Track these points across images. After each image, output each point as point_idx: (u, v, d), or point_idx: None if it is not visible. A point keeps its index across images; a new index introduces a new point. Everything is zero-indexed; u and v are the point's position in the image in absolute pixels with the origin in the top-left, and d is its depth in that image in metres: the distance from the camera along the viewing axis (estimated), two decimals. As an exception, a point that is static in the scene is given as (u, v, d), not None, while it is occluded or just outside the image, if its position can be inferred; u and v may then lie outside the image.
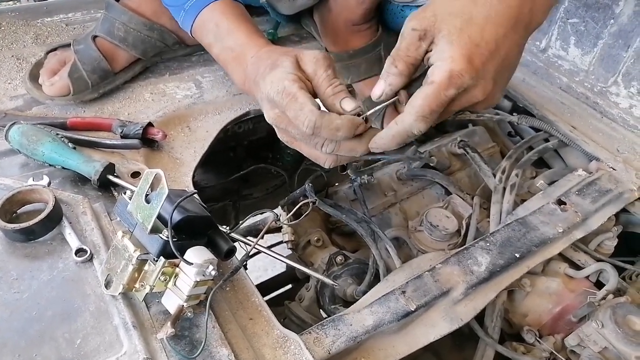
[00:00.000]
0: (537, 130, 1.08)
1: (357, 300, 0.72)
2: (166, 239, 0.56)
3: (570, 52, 1.08)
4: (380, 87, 0.59)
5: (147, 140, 0.85)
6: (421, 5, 1.08)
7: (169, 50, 1.03)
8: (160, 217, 0.57)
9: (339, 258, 0.86)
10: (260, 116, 1.06)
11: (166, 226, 0.56)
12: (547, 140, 1.06)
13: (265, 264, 1.93)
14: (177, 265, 0.58)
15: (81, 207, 0.71)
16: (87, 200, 0.72)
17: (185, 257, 0.56)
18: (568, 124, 1.02)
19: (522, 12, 0.57)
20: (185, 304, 0.58)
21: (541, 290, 0.81)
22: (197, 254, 0.58)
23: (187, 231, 0.60)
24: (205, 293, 0.60)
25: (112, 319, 0.58)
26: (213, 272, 0.58)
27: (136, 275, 0.57)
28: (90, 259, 0.64)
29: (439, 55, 0.55)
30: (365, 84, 1.10)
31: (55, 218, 0.67)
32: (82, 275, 0.63)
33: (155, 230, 0.57)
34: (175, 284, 0.58)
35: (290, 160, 1.30)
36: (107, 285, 0.59)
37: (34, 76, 0.92)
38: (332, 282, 0.70)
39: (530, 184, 1.00)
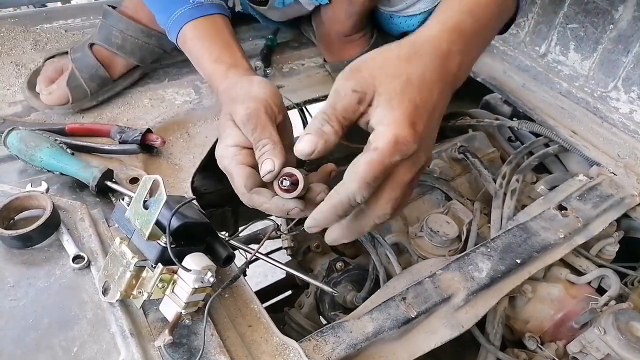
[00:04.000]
0: (537, 135, 1.08)
1: (357, 306, 0.72)
2: (164, 245, 0.55)
3: (570, 57, 1.08)
4: (312, 143, 0.52)
5: (146, 146, 0.85)
6: (409, 15, 1.10)
7: (167, 56, 1.03)
8: (158, 224, 0.57)
9: (339, 264, 0.86)
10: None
11: (164, 232, 0.56)
12: (547, 146, 1.06)
13: (265, 270, 1.92)
14: (175, 272, 0.57)
15: (79, 214, 0.70)
16: (85, 207, 0.71)
17: (183, 263, 0.56)
18: (568, 129, 1.02)
19: (451, 69, 0.57)
20: (183, 311, 0.57)
21: (543, 296, 0.80)
22: (196, 261, 0.57)
23: (186, 237, 0.59)
24: (203, 300, 0.60)
25: (109, 326, 0.58)
26: (211, 279, 0.57)
27: (134, 282, 0.57)
28: (88, 265, 0.64)
29: (380, 119, 0.52)
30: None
31: (52, 224, 0.66)
32: (80, 282, 0.62)
33: (153, 236, 0.57)
34: (173, 291, 0.57)
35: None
36: (105, 292, 0.58)
37: (32, 84, 0.92)
38: (331, 290, 0.69)
39: (530, 189, 0.99)
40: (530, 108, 1.07)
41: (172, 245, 0.56)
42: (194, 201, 0.63)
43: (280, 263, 0.72)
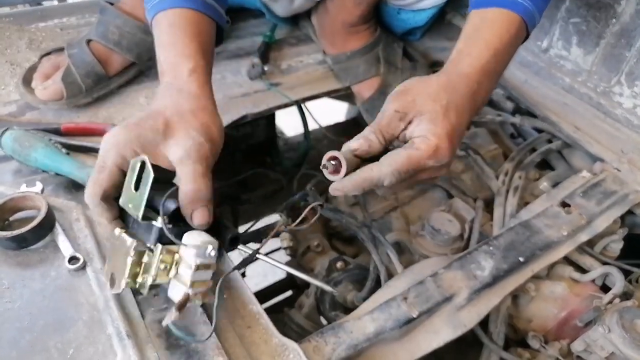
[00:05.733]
0: (539, 131, 1.07)
1: (358, 306, 0.71)
2: (160, 225, 0.55)
3: (572, 52, 1.07)
4: (359, 143, 0.63)
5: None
6: (418, 10, 1.08)
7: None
8: (154, 209, 0.57)
9: (339, 264, 0.85)
10: (258, 120, 1.05)
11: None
12: (550, 142, 1.04)
13: (264, 269, 1.91)
14: (177, 252, 0.56)
15: (74, 214, 0.69)
16: (80, 207, 0.70)
17: (182, 240, 0.55)
18: (571, 125, 1.01)
19: (477, 102, 0.70)
20: (190, 291, 0.55)
21: (546, 294, 0.79)
22: (194, 237, 0.56)
23: (184, 220, 0.59)
24: (212, 279, 0.58)
25: (105, 328, 0.57)
26: (213, 253, 0.56)
27: (137, 269, 0.55)
28: (84, 266, 0.62)
29: (423, 131, 0.63)
30: (364, 86, 1.09)
31: (47, 225, 0.65)
32: (75, 283, 0.61)
33: (147, 218, 0.57)
34: (178, 272, 0.56)
35: (289, 164, 1.28)
36: (112, 284, 0.57)
37: (27, 80, 0.91)
38: (331, 289, 0.68)
39: (533, 186, 0.98)
40: (533, 104, 1.06)
41: (169, 225, 0.56)
42: None
43: (280, 263, 0.70)
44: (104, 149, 0.62)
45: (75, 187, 0.76)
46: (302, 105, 1.10)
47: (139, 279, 0.55)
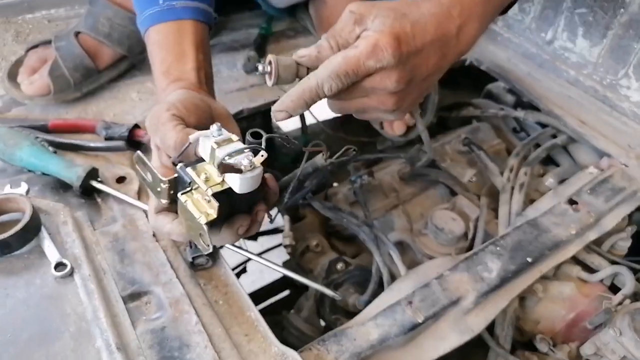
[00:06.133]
0: (543, 126, 1.03)
1: (360, 310, 0.68)
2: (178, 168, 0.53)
3: (578, 44, 1.03)
4: (308, 51, 0.58)
5: (134, 142, 0.80)
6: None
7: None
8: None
9: (340, 265, 0.82)
10: (254, 115, 1.02)
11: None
12: (554, 137, 1.01)
13: (261, 267, 1.88)
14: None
15: (62, 217, 0.65)
16: (68, 209, 0.67)
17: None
18: (576, 119, 0.98)
19: (450, 30, 0.58)
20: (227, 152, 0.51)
21: (554, 295, 0.77)
22: None
23: None
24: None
25: (94, 340, 0.53)
26: (216, 127, 0.53)
27: (201, 209, 0.51)
28: (71, 273, 0.59)
29: (368, 32, 0.55)
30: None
31: (32, 229, 0.62)
32: (62, 292, 0.58)
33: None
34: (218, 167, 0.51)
35: (287, 160, 1.25)
36: (203, 242, 0.53)
37: (13, 75, 0.87)
38: (333, 294, 0.65)
39: (538, 182, 0.95)
40: (536, 97, 1.03)
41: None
42: None
43: (277, 265, 0.67)
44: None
45: (63, 188, 0.72)
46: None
47: (209, 210, 0.51)
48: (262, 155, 0.53)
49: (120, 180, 0.74)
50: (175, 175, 0.54)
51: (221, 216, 0.53)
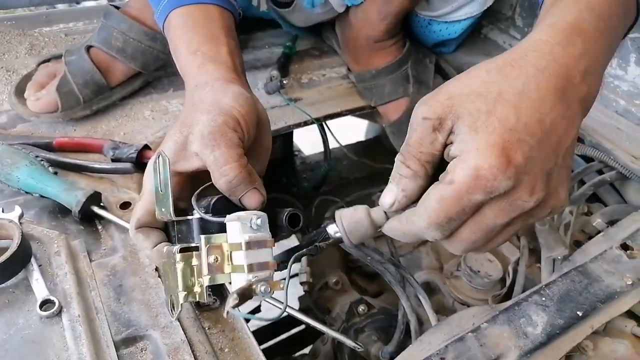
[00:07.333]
0: (588, 160, 0.95)
1: (384, 364, 0.59)
2: (198, 215, 0.49)
3: (629, 72, 0.95)
4: (392, 195, 0.45)
5: (142, 164, 0.74)
6: (449, 22, 0.98)
7: (173, 63, 0.92)
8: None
9: (361, 307, 0.74)
10: (275, 138, 0.95)
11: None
12: (601, 172, 0.92)
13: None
14: (225, 242, 0.48)
15: (55, 246, 0.59)
16: (63, 237, 0.60)
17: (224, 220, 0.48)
18: (628, 154, 0.89)
19: (573, 77, 0.43)
20: (251, 277, 0.46)
21: (606, 354, 0.67)
22: (237, 215, 0.48)
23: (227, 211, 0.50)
24: (276, 260, 0.50)
25: (77, 395, 0.46)
26: (259, 222, 0.47)
27: (191, 278, 0.48)
28: (59, 312, 0.52)
29: (461, 147, 0.41)
30: (390, 107, 0.98)
31: (20, 260, 0.55)
32: (46, 334, 0.51)
33: (180, 214, 0.51)
34: (232, 263, 0.47)
35: (307, 186, 1.18)
36: (172, 308, 0.50)
37: (20, 90, 0.82)
38: (354, 344, 0.57)
39: (583, 222, 0.86)
40: (582, 128, 0.94)
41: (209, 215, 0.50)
42: None
43: (294, 309, 0.60)
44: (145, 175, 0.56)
45: (61, 213, 0.66)
46: (324, 124, 1.00)
47: (196, 288, 0.48)
48: (282, 282, 0.48)
49: (125, 205, 0.68)
50: (197, 216, 0.50)
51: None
